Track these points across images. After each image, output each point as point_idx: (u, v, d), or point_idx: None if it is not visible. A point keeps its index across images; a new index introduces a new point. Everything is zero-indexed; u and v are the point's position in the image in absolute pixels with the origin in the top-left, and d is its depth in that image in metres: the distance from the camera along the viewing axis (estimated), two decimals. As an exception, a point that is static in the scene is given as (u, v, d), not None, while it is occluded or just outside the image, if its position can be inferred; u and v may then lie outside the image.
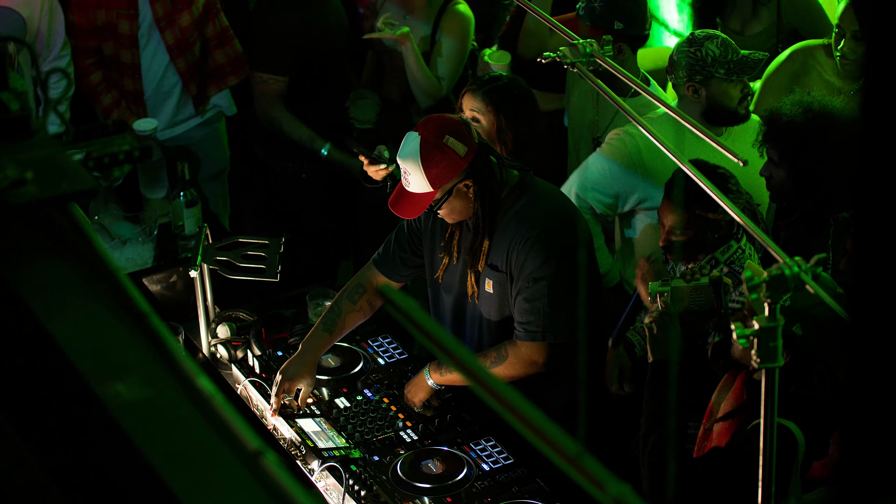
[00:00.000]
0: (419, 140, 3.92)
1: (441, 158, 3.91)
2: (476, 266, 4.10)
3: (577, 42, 3.62)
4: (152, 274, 4.78)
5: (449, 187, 3.95)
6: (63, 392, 1.88)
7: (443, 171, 3.92)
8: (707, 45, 4.56)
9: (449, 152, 3.91)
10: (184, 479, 1.64)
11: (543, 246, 3.99)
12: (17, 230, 1.96)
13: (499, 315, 4.14)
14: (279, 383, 4.13)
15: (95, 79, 5.62)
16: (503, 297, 4.10)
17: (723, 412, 3.45)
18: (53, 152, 1.97)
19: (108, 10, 5.51)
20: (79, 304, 1.89)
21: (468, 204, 4.01)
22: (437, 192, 3.95)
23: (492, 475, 3.92)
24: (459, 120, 4.04)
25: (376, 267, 4.33)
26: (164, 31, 5.53)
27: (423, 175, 3.91)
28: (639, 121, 3.52)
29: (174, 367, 1.77)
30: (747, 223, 3.16)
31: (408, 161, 3.93)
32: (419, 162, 3.90)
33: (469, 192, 3.98)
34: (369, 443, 4.05)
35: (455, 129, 3.96)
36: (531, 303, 4.01)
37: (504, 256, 4.04)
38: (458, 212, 4.03)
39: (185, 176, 5.00)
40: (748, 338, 2.66)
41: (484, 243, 4.06)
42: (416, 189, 3.96)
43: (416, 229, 4.28)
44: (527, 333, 4.03)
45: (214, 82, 5.76)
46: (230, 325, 4.46)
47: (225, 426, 1.67)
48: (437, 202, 3.97)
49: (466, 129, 3.99)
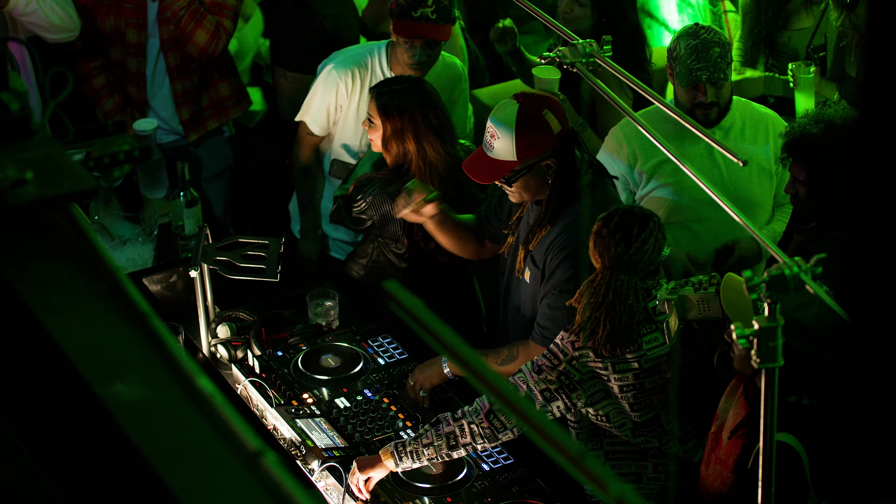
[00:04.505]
0: (518, 107, 3.92)
1: (536, 129, 3.91)
2: (528, 245, 4.10)
3: (577, 42, 3.62)
4: (152, 274, 4.78)
5: (532, 161, 3.95)
6: (63, 392, 1.87)
7: (533, 143, 3.92)
8: (681, 40, 4.59)
9: (545, 125, 3.92)
10: (184, 479, 1.64)
11: (575, 261, 3.99)
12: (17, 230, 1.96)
13: (531, 303, 4.16)
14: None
15: (99, 83, 5.63)
16: (535, 291, 4.13)
17: (731, 421, 3.45)
18: (53, 152, 1.97)
19: (117, 17, 5.51)
20: (79, 304, 1.89)
21: (543, 185, 4.01)
22: (518, 163, 3.95)
23: (492, 475, 3.92)
24: (557, 99, 4.06)
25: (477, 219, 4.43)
26: (167, 53, 5.54)
27: (513, 142, 3.91)
28: (636, 118, 3.52)
29: (174, 367, 1.77)
30: (747, 223, 3.16)
31: (501, 125, 3.92)
32: (513, 127, 3.90)
33: (549, 173, 3.98)
34: (369, 443, 4.05)
35: (554, 105, 3.98)
36: (553, 311, 4.03)
37: (543, 254, 4.06)
38: (530, 190, 4.03)
39: (185, 176, 5.00)
40: (748, 338, 2.66)
41: (545, 228, 4.06)
42: (498, 155, 3.95)
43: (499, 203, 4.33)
44: (543, 339, 4.04)
45: (216, 115, 5.75)
46: (230, 325, 4.46)
47: (225, 426, 1.67)
48: (516, 174, 3.96)
49: (563, 109, 4.01)
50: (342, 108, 5.05)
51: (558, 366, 3.75)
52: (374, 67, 4.99)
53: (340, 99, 5.03)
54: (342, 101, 5.03)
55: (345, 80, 4.99)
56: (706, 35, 4.58)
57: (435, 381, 4.18)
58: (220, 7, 5.51)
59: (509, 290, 4.29)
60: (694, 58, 4.54)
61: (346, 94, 5.01)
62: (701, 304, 3.53)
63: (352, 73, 5.00)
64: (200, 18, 5.45)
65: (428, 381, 4.18)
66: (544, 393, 3.74)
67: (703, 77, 4.55)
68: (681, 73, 4.58)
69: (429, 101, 4.50)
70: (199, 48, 5.46)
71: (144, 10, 5.49)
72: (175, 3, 5.41)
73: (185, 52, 5.53)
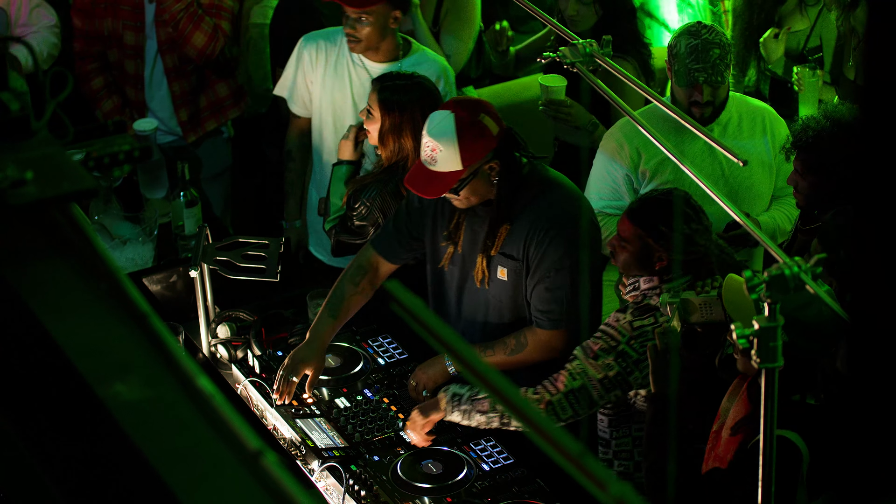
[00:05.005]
0: (453, 117, 3.93)
1: (477, 135, 3.93)
2: (489, 252, 4.10)
3: (577, 42, 3.62)
4: (152, 274, 4.78)
5: (476, 167, 3.96)
6: (63, 392, 1.87)
7: (476, 148, 3.93)
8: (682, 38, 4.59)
9: (484, 128, 3.93)
10: (184, 479, 1.64)
11: (564, 237, 4.02)
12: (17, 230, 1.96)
13: (511, 302, 4.16)
14: (286, 367, 4.13)
15: (97, 84, 5.63)
16: (517, 286, 4.13)
17: (731, 418, 3.45)
18: (53, 152, 1.97)
19: (114, 19, 5.52)
20: (79, 304, 1.89)
21: (489, 187, 4.02)
22: (464, 172, 3.95)
23: (492, 475, 3.92)
24: (489, 102, 4.09)
25: (374, 248, 4.33)
26: (164, 55, 5.54)
27: (457, 151, 3.91)
28: (636, 118, 3.52)
29: (174, 367, 1.77)
30: (746, 223, 3.17)
31: (440, 138, 3.93)
32: (454, 137, 3.90)
33: (493, 175, 4.00)
34: (369, 443, 4.05)
35: (487, 108, 4.01)
36: (553, 292, 4.05)
37: (521, 245, 4.06)
38: (478, 194, 4.03)
39: (186, 176, 5.00)
40: (748, 338, 2.66)
41: (503, 228, 4.06)
42: (443, 167, 3.95)
43: (418, 215, 4.29)
44: (550, 322, 4.07)
45: (214, 116, 5.75)
46: (230, 325, 4.46)
47: (225, 426, 1.67)
48: (463, 182, 3.97)
49: (495, 110, 4.02)
50: (312, 82, 5.10)
51: (616, 347, 3.80)
52: (342, 45, 5.03)
53: (307, 69, 5.10)
54: (308, 72, 5.10)
55: (309, 51, 5.09)
56: (707, 35, 4.57)
57: (440, 380, 4.18)
58: (218, 9, 5.51)
59: (461, 301, 4.27)
60: (693, 58, 4.55)
61: (311, 64, 5.08)
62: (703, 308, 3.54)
63: (317, 45, 5.09)
64: (198, 21, 5.45)
65: (432, 380, 4.18)
66: (603, 381, 3.79)
67: (701, 79, 4.55)
68: (679, 71, 4.58)
69: (430, 100, 4.50)
70: (198, 50, 5.46)
71: (142, 13, 5.50)
72: (173, 6, 5.41)
73: (182, 53, 5.53)
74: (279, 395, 4.13)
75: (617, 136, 4.74)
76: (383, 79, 4.59)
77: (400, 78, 4.58)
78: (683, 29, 4.68)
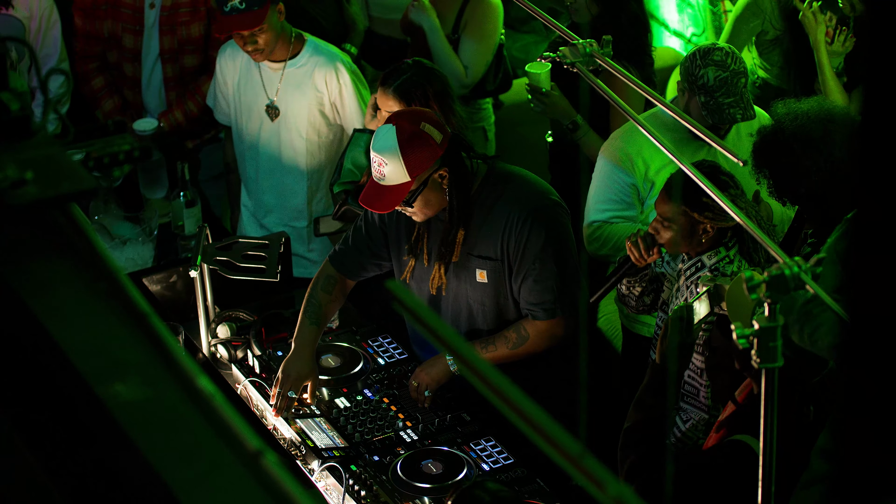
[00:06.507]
0: (395, 129, 3.92)
1: (420, 145, 3.92)
2: (449, 258, 4.10)
3: (577, 42, 3.62)
4: (152, 274, 4.78)
5: (425, 177, 3.96)
6: (63, 392, 1.87)
7: (422, 158, 3.92)
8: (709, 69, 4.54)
9: (427, 138, 3.93)
10: (184, 479, 1.64)
11: (542, 226, 4.02)
12: (17, 230, 1.96)
13: (493, 303, 4.16)
14: (284, 383, 4.13)
15: (97, 84, 5.64)
16: (498, 285, 4.13)
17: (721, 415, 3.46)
18: (53, 152, 1.97)
19: (114, 21, 5.53)
20: (79, 304, 1.89)
21: (442, 196, 4.01)
22: (413, 183, 3.95)
23: (492, 475, 3.92)
24: (431, 111, 4.09)
25: (332, 265, 4.34)
26: (165, 63, 5.55)
27: (402, 164, 3.90)
28: (638, 120, 3.52)
29: (174, 367, 1.77)
30: (746, 222, 3.16)
31: (385, 152, 3.92)
32: (398, 150, 3.90)
33: (444, 183, 3.99)
34: (369, 443, 4.05)
35: (429, 117, 4.00)
36: (543, 283, 4.06)
37: (497, 244, 4.06)
38: (432, 205, 4.03)
39: (185, 176, 5.00)
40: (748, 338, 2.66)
41: (459, 234, 4.07)
42: (391, 181, 3.94)
43: (378, 232, 4.29)
44: (545, 312, 4.08)
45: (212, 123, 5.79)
46: (230, 325, 4.46)
47: (225, 426, 1.67)
48: (413, 194, 3.96)
49: (438, 118, 4.02)
50: (227, 90, 5.22)
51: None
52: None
53: (219, 72, 5.23)
54: (221, 83, 5.23)
55: (223, 60, 5.22)
56: (734, 66, 4.52)
57: (443, 379, 4.18)
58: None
59: (438, 312, 4.24)
60: (724, 91, 4.48)
61: (222, 73, 5.22)
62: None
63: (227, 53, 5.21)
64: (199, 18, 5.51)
65: (435, 380, 4.18)
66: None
67: (738, 116, 4.51)
68: (710, 105, 4.51)
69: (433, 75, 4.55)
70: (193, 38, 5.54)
71: (141, 17, 5.50)
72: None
73: (182, 63, 5.55)
74: (276, 411, 4.14)
75: (620, 145, 4.70)
76: (386, 77, 4.59)
77: (400, 70, 4.59)
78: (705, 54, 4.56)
